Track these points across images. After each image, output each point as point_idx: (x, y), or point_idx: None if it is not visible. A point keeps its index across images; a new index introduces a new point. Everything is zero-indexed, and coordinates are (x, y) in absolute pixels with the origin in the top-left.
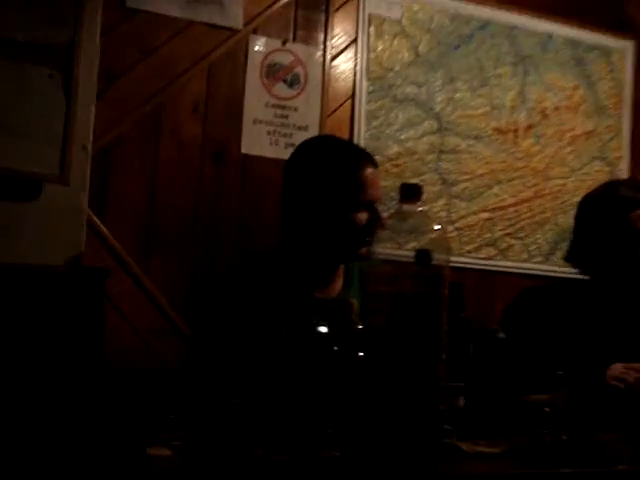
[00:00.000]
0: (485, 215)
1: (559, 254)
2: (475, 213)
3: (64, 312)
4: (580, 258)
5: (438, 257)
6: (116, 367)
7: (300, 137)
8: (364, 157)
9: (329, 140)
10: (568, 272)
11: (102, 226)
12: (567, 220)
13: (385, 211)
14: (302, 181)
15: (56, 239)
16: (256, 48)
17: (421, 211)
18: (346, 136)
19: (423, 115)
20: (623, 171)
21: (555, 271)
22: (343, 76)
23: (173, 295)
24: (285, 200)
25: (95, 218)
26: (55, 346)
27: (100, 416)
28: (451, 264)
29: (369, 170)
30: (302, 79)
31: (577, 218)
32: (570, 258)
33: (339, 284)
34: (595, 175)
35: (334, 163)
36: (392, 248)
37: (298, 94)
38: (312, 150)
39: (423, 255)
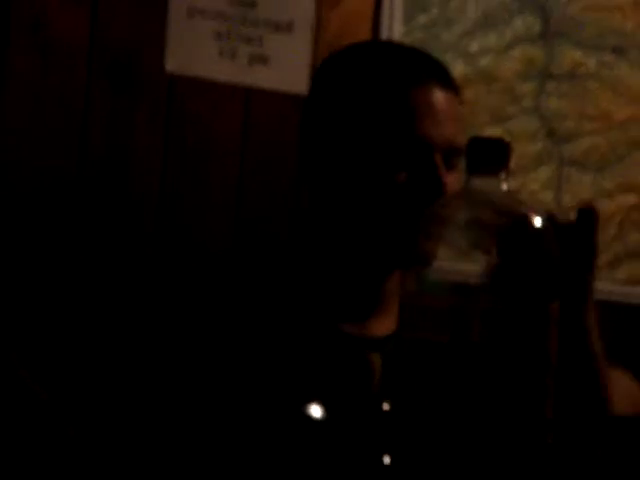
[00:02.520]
0: (630, 199)
1: None
2: (610, 195)
3: None
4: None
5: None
6: None
7: (277, 43)
8: (422, 69)
9: (373, 48)
10: None
11: None
12: None
13: None
14: (321, 125)
15: None
16: None
17: (507, 191)
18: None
19: (514, 6)
20: None
21: None
22: None
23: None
24: (305, 168)
25: None
26: None
27: None
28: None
29: (431, 91)
30: None
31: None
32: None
33: (393, 312)
34: None
35: (369, 82)
36: (451, 258)
37: None
38: (334, 65)
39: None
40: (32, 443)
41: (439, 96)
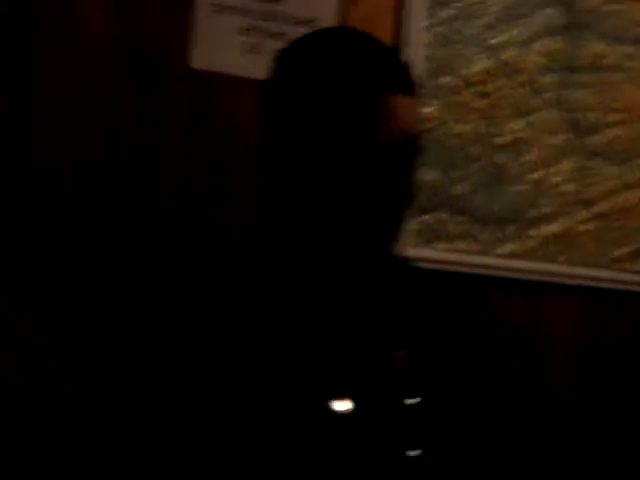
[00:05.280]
0: None
1: None
2: (632, 187)
3: None
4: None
5: None
6: None
7: None
8: (386, 76)
9: (329, 40)
10: None
11: None
12: None
13: (461, 180)
14: (279, 117)
15: None
16: None
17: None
18: (387, 37)
19: None
20: None
21: None
22: None
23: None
24: (261, 152)
25: None
26: None
27: None
28: (592, 283)
29: (395, 98)
30: None
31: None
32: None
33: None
34: None
35: (329, 85)
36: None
37: None
38: (296, 60)
39: None
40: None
41: (400, 103)
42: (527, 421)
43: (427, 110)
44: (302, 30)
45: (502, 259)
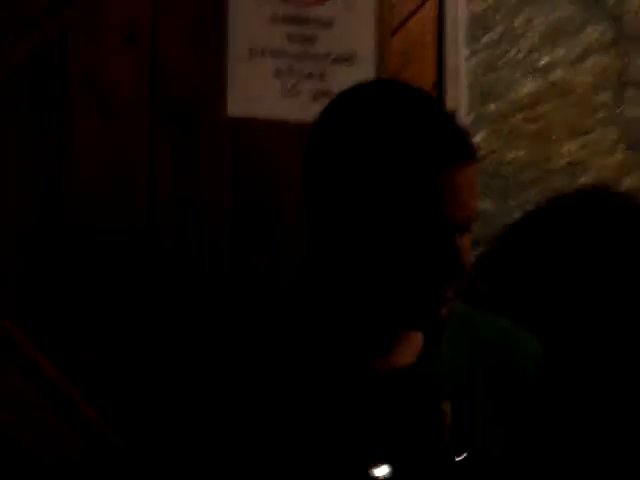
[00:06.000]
0: None
1: None
2: None
3: None
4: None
5: None
6: None
7: (340, 78)
8: (448, 148)
9: (384, 97)
10: None
11: None
12: None
13: (517, 209)
14: (334, 182)
15: None
16: None
17: None
18: (429, 67)
19: (584, 15)
20: None
21: None
22: None
23: (107, 398)
24: (310, 210)
25: None
26: None
27: None
28: None
29: (456, 173)
30: None
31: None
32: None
33: (414, 345)
34: None
35: (392, 155)
36: None
37: None
38: (351, 122)
39: None
40: None
41: (463, 175)
42: None
43: (476, 139)
44: (341, 68)
45: None
